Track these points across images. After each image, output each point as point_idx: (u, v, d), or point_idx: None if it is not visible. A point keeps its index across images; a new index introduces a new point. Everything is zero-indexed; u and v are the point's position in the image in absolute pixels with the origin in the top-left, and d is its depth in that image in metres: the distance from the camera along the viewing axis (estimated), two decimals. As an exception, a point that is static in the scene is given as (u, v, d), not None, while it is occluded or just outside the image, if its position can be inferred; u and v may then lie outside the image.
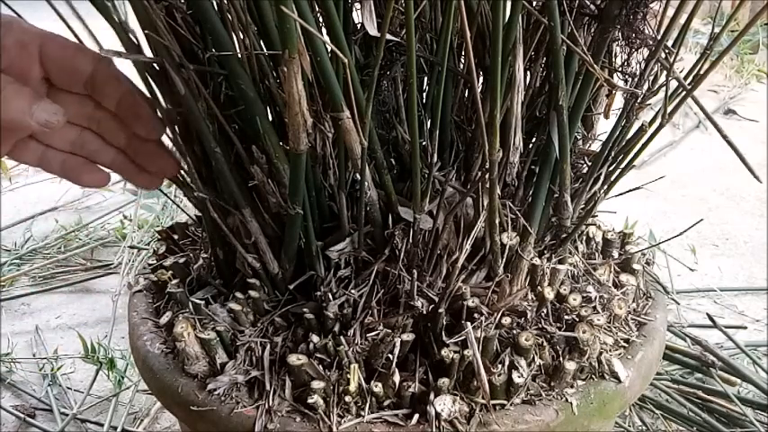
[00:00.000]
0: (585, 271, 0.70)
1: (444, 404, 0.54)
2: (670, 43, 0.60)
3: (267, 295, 0.64)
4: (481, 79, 0.64)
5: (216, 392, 0.57)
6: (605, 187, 0.67)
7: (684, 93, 0.60)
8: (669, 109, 0.60)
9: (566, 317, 0.62)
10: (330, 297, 0.60)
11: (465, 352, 0.55)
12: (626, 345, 0.63)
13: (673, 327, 1.17)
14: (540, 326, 0.61)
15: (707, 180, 1.96)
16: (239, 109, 0.56)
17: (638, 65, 0.60)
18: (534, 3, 0.59)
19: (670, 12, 0.58)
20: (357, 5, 0.56)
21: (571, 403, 0.57)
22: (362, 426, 0.54)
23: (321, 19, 0.53)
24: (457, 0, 0.51)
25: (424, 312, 0.59)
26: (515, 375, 0.56)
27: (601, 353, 0.60)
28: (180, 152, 0.59)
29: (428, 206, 0.60)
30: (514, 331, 0.59)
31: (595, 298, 0.66)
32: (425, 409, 0.54)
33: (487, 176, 0.57)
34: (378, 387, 0.55)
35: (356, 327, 0.59)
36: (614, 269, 0.71)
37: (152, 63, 0.54)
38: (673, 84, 0.60)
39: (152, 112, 0.56)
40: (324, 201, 0.63)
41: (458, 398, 0.55)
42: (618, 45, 0.61)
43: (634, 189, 0.72)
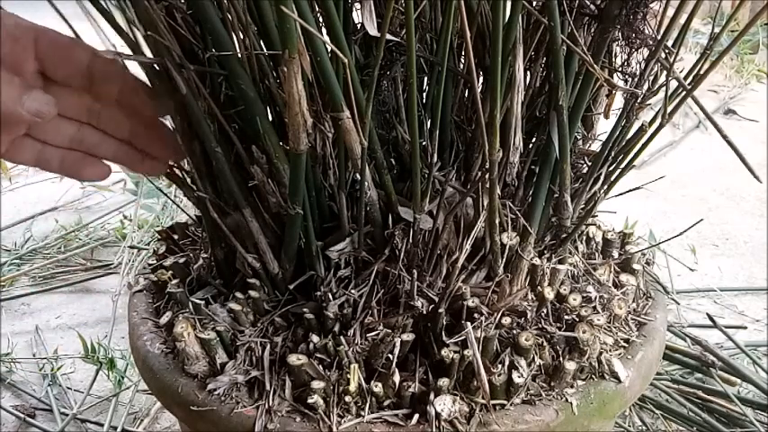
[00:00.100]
0: (585, 271, 0.70)
1: (444, 404, 0.54)
2: (670, 43, 0.60)
3: (267, 295, 0.64)
4: (481, 79, 0.64)
5: (216, 392, 0.57)
6: (605, 187, 0.67)
7: (684, 93, 0.60)
8: (669, 109, 0.60)
9: (566, 317, 0.62)
10: (330, 297, 0.60)
11: (465, 352, 0.55)
12: (626, 345, 0.63)
13: (673, 327, 1.17)
14: (540, 326, 0.61)
15: (707, 180, 1.96)
16: (239, 109, 0.56)
17: (638, 65, 0.60)
18: (534, 3, 0.59)
19: (670, 12, 0.58)
20: (357, 5, 0.56)
21: (571, 403, 0.57)
22: (362, 426, 0.54)
23: (321, 19, 0.53)
24: (457, 0, 0.51)
25: (424, 312, 0.59)
26: (515, 375, 0.56)
27: (601, 353, 0.60)
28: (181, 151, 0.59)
29: (428, 206, 0.60)
30: (514, 331, 0.59)
31: (595, 298, 0.66)
32: (425, 409, 0.54)
33: (487, 176, 0.57)
34: (378, 387, 0.55)
35: (356, 327, 0.59)
36: (614, 269, 0.71)
37: (152, 63, 0.54)
38: (673, 84, 0.60)
39: (155, 95, 0.56)
40: (324, 201, 0.63)
41: (458, 398, 0.55)
42: (618, 45, 0.61)
43: (634, 189, 0.72)
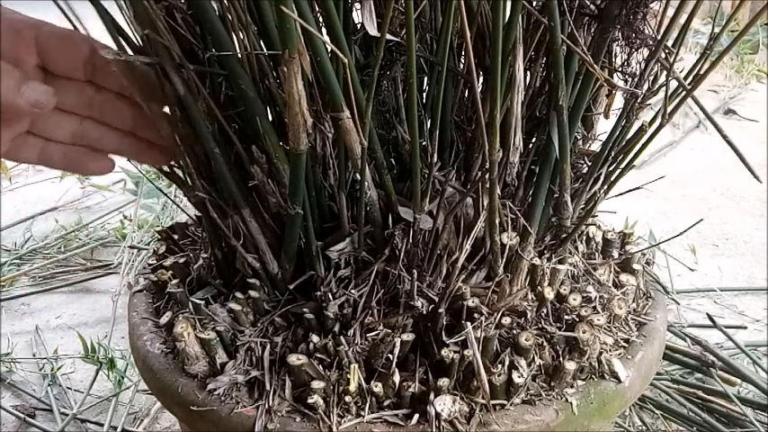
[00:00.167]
0: (585, 271, 0.70)
1: (444, 404, 0.54)
2: (670, 43, 0.60)
3: (267, 295, 0.64)
4: (481, 79, 0.64)
5: (216, 392, 0.57)
6: (605, 187, 0.67)
7: (684, 93, 0.60)
8: (669, 109, 0.60)
9: (566, 317, 0.62)
10: (330, 297, 0.60)
11: (465, 352, 0.55)
12: (626, 345, 0.63)
13: (673, 327, 1.17)
14: (540, 326, 0.61)
15: (707, 180, 1.96)
16: (239, 109, 0.56)
17: (638, 65, 0.60)
18: (534, 3, 0.59)
19: (670, 12, 0.58)
20: (357, 5, 0.56)
21: (571, 403, 0.57)
22: (362, 426, 0.54)
23: (321, 19, 0.53)
24: (457, 0, 0.51)
25: (424, 312, 0.59)
26: (515, 375, 0.56)
27: (601, 353, 0.60)
28: (180, 152, 0.59)
29: (428, 206, 0.60)
30: (514, 331, 0.59)
31: (595, 298, 0.66)
32: (425, 409, 0.54)
33: (487, 176, 0.57)
34: (378, 387, 0.55)
35: (356, 327, 0.59)
36: (614, 269, 0.71)
37: (152, 64, 0.54)
38: (673, 84, 0.60)
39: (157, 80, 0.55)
40: (324, 201, 0.63)
41: (458, 398, 0.55)
42: (618, 45, 0.61)
43: (634, 189, 0.72)
